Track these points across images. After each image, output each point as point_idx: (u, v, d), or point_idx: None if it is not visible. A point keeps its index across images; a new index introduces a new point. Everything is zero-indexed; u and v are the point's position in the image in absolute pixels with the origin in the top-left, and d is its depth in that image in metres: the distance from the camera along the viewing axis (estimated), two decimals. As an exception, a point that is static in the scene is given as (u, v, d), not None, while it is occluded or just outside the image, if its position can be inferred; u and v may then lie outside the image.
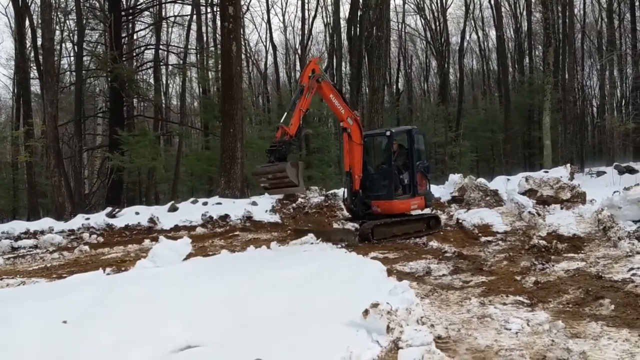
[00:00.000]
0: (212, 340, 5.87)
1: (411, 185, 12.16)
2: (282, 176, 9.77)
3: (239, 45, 18.75)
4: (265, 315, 6.51)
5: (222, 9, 18.67)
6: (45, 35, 18.76)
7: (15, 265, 10.94)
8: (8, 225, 14.95)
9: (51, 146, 19.06)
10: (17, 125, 33.63)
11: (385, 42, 22.14)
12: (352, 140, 11.62)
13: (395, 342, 5.07)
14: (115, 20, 25.22)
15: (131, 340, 5.90)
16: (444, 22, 43.33)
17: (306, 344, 5.32)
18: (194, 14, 31.64)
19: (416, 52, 52.70)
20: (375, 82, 21.81)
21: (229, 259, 9.34)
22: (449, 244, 10.44)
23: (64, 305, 6.99)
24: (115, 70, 23.59)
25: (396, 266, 8.83)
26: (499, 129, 40.01)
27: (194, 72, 31.86)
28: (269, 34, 42.76)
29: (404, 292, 6.34)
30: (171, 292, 7.35)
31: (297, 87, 11.26)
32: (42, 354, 5.58)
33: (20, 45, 29.19)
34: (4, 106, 45.87)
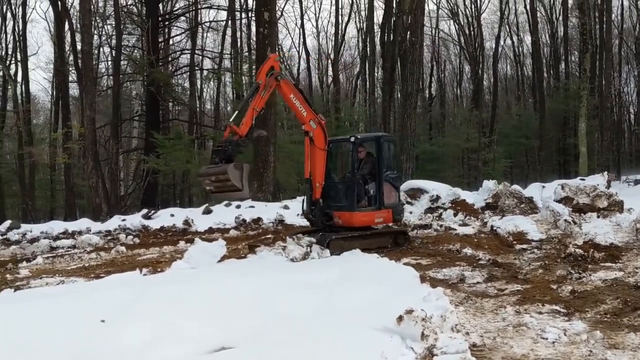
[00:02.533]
0: (245, 342, 5.94)
1: (377, 197, 11.13)
2: (224, 179, 9.14)
3: (274, 50, 18.91)
4: (297, 318, 6.56)
5: (257, 14, 18.86)
6: (85, 39, 19.26)
7: (54, 264, 11.22)
8: (47, 225, 15.36)
9: (89, 148, 19.52)
10: (55, 128, 34.48)
11: (419, 47, 22.07)
12: (315, 145, 10.76)
13: (429, 349, 5.07)
14: (153, 25, 25.71)
15: (167, 340, 6.02)
16: (479, 27, 42.95)
17: (340, 347, 5.35)
18: (229, 20, 32.00)
19: (449, 57, 52.38)
20: (408, 87, 21.73)
21: (261, 261, 9.41)
22: (483, 251, 10.34)
23: (101, 304, 7.16)
24: (152, 75, 24.03)
25: (429, 272, 8.80)
26: (533, 135, 39.45)
27: (227, 76, 32.25)
28: (302, 39, 42.66)
29: (438, 299, 6.32)
30: (205, 293, 7.46)
31: (253, 84, 10.51)
32: (81, 351, 5.74)
33: (60, 49, 29.91)
34: (42, 108, 46.99)
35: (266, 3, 17.93)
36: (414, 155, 22.52)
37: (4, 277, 9.80)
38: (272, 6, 18.59)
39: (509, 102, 53.24)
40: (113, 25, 30.70)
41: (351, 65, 49.31)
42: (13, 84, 31.86)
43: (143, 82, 27.42)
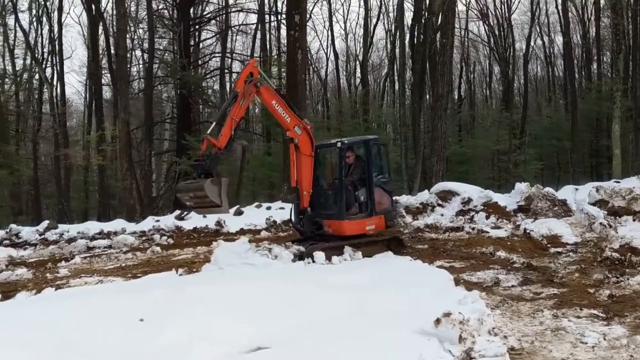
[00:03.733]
0: (280, 342, 6.02)
1: (368, 203, 10.58)
2: (202, 195, 8.82)
3: (304, 53, 19.04)
4: (330, 319, 6.62)
5: (288, 17, 19.01)
6: (120, 43, 19.62)
7: (92, 264, 11.46)
8: (83, 225, 15.68)
9: (124, 150, 19.88)
10: (88, 130, 35.15)
11: (449, 48, 21.96)
12: (300, 152, 10.29)
13: (467, 352, 5.09)
14: (184, 29, 26.06)
15: (204, 340, 6.13)
16: (509, 27, 42.50)
17: (377, 349, 5.39)
18: (259, 23, 32.26)
19: (478, 59, 51.90)
20: (438, 88, 21.64)
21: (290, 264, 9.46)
22: (517, 254, 10.28)
23: (140, 303, 7.32)
24: (183, 78, 24.36)
25: (463, 275, 8.79)
26: (565, 137, 38.82)
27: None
28: (330, 41, 42.73)
29: (474, 302, 6.32)
30: (239, 294, 7.57)
31: (231, 93, 10.09)
32: (120, 349, 5.88)
33: (94, 53, 30.50)
34: (75, 111, 47.90)
35: (297, 6, 18.05)
36: (444, 157, 22.39)
37: (45, 276, 10.06)
38: (302, 9, 18.69)
39: (540, 103, 52.51)
40: (145, 29, 31.26)
41: (379, 67, 49.24)
42: (49, 87, 32.58)
43: (175, 85, 27.79)
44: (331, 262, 9.52)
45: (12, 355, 5.59)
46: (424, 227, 14.49)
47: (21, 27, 31.83)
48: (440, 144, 21.33)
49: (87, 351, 5.85)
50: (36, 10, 33.29)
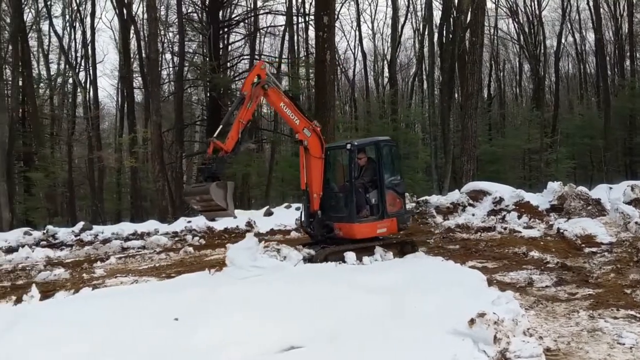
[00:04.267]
0: (313, 342, 6.05)
1: (379, 206, 10.30)
2: (208, 199, 8.74)
3: (333, 53, 19.06)
4: (363, 319, 6.63)
5: (316, 18, 19.02)
6: (151, 47, 19.94)
7: (126, 264, 11.69)
8: (117, 226, 16.01)
9: (156, 152, 20.19)
10: (120, 132, 35.79)
11: (479, 46, 21.71)
12: (310, 154, 10.15)
13: (502, 352, 5.06)
14: (214, 32, 26.33)
15: (237, 339, 6.21)
16: (539, 24, 41.90)
17: (410, 349, 5.39)
18: (287, 24, 32.42)
19: (508, 57, 51.27)
20: (468, 87, 21.42)
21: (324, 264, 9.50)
22: (550, 255, 10.14)
23: (174, 302, 7.45)
24: (213, 80, 24.62)
25: (496, 276, 8.71)
26: (598, 135, 38.15)
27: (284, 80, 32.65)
28: (358, 41, 42.71)
29: (508, 302, 6.27)
30: (271, 294, 7.64)
31: (238, 96, 9.92)
32: (156, 347, 5.99)
33: (125, 57, 31.02)
34: (107, 114, 48.78)
35: (326, 6, 18.07)
36: (475, 156, 22.18)
37: (81, 276, 10.29)
38: (331, 10, 18.72)
39: (572, 101, 51.70)
40: (174, 32, 31.70)
41: (407, 67, 49.02)
42: (83, 91, 33.25)
43: (205, 88, 28.10)
44: (362, 263, 9.52)
45: (55, 352, 5.76)
46: (455, 227, 14.40)
47: (55, 33, 32.62)
48: (471, 143, 21.12)
49: (124, 349, 5.98)
50: (69, 16, 34.04)
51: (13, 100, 26.10)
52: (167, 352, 5.85)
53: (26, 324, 6.43)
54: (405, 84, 48.55)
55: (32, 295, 7.98)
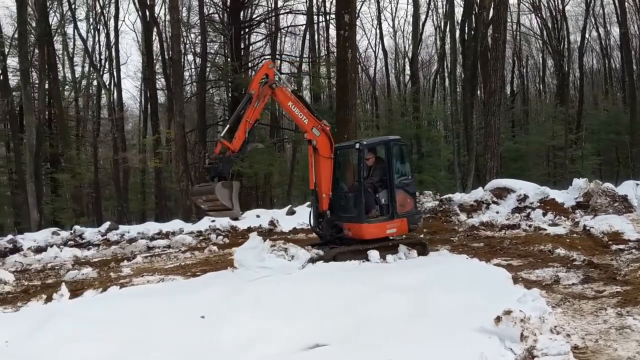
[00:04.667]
0: (338, 340, 6.09)
1: (389, 206, 10.11)
2: (213, 198, 8.70)
3: (354, 52, 19.02)
4: (387, 317, 6.64)
5: (337, 17, 19.02)
6: (174, 48, 20.15)
7: (152, 263, 11.83)
8: (143, 226, 16.21)
9: (179, 153, 20.39)
10: (144, 133, 36.20)
11: (502, 43, 21.53)
12: (319, 154, 10.01)
13: (529, 350, 5.04)
14: (235, 32, 26.48)
15: (263, 336, 6.27)
16: (563, 19, 41.34)
17: (436, 347, 5.40)
18: (308, 24, 32.46)
19: (530, 52, 50.69)
20: (491, 84, 21.26)
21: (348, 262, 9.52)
22: (576, 252, 10.02)
23: (200, 300, 7.55)
24: (235, 80, 24.76)
25: (521, 274, 8.65)
26: (624, 130, 37.52)
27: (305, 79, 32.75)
28: (379, 39, 42.59)
29: (535, 300, 6.23)
30: (295, 293, 7.68)
31: (245, 95, 9.76)
32: (184, 345, 6.08)
33: (149, 58, 31.36)
34: (131, 116, 49.35)
35: (347, 5, 18.04)
36: (498, 153, 22.00)
37: (109, 275, 10.44)
38: (352, 8, 18.69)
39: (596, 96, 50.91)
40: (196, 33, 31.95)
41: (428, 64, 48.75)
42: (107, 93, 33.70)
43: (226, 88, 28.25)
44: (385, 261, 9.52)
45: (85, 350, 5.88)
46: (479, 224, 14.32)
47: (80, 36, 33.15)
48: (494, 141, 20.97)
49: (153, 346, 6.08)
50: (93, 19, 34.51)
51: (40, 103, 26.57)
52: (194, 350, 5.94)
53: (57, 321, 6.56)
54: (426, 82, 48.30)
55: (62, 293, 8.15)
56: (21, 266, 11.94)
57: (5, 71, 30.40)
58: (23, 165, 26.95)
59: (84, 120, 34.95)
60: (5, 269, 11.30)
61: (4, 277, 10.27)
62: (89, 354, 5.83)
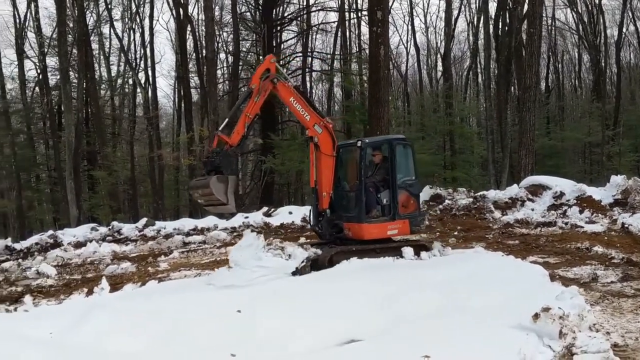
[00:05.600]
0: (373, 336, 6.14)
1: (391, 206, 9.90)
2: (208, 193, 8.49)
3: (387, 48, 19.00)
4: (422, 313, 6.66)
5: (370, 13, 19.02)
6: (208, 47, 20.40)
7: (189, 258, 12.03)
8: (178, 222, 16.49)
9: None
10: (178, 131, 36.67)
11: (537, 38, 21.20)
12: (321, 152, 9.73)
13: (568, 347, 5.01)
14: (268, 30, 26.64)
15: (298, 331, 6.36)
16: (599, 13, 40.46)
17: (472, 343, 5.40)
18: (340, 21, 32.48)
19: (566, 47, 49.75)
20: (526, 79, 20.97)
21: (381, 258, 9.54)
22: (615, 250, 9.87)
23: (236, 295, 7.67)
24: (268, 78, 24.89)
25: (558, 271, 8.57)
26: (664, 126, 36.68)
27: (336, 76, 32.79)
28: (411, 35, 42.34)
29: (573, 297, 6.17)
30: (330, 289, 7.75)
31: (246, 89, 9.53)
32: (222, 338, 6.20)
33: (182, 57, 31.75)
34: (164, 114, 50.01)
35: (379, 2, 18.02)
36: (534, 150, 21.71)
37: (147, 269, 10.68)
38: (384, 5, 18.68)
39: (634, 91, 49.70)
40: (228, 32, 32.23)
41: (460, 60, 48.26)
42: (143, 92, 34.26)
43: (259, 86, 28.41)
44: (420, 258, 9.51)
45: (126, 342, 6.05)
46: (514, 222, 14.19)
47: (117, 35, 33.71)
48: (529, 137, 20.67)
49: (191, 338, 6.22)
50: (128, 19, 35.09)
51: (78, 102, 27.15)
52: (231, 343, 6.05)
53: (99, 314, 6.74)
54: (459, 78, 47.84)
55: (103, 287, 8.35)
56: (62, 261, 12.26)
57: (45, 71, 31.23)
58: (62, 163, 27.70)
59: (119, 118, 35.60)
60: (47, 263, 11.63)
61: (47, 271, 10.60)
62: (130, 346, 6.00)
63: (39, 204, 34.14)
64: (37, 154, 35.05)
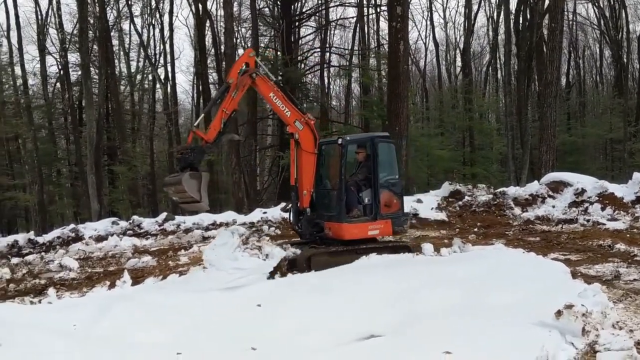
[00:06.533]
0: (393, 331, 6.13)
1: (373, 206, 9.63)
2: (181, 190, 8.25)
3: (407, 44, 18.95)
4: (442, 310, 6.64)
5: (389, 9, 18.94)
6: (227, 43, 20.46)
7: (208, 253, 12.09)
8: (198, 217, 16.53)
9: (233, 146, 20.74)
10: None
11: (559, 33, 20.97)
12: (301, 149, 9.47)
13: (591, 345, 4.99)
14: (286, 26, 26.66)
15: (318, 325, 6.39)
16: (621, 8, 39.83)
17: (494, 339, 5.38)
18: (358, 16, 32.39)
19: (587, 43, 49.09)
20: (547, 75, 20.77)
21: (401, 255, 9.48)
22: (637, 247, 9.75)
23: (256, 290, 7.73)
24: (286, 74, 24.96)
25: (580, 269, 8.49)
26: (687, 122, 36.06)
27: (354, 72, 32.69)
28: (430, 31, 42.14)
29: (595, 295, 6.14)
30: (349, 284, 7.77)
31: (223, 84, 9.33)
32: (242, 332, 6.26)
33: (201, 53, 31.89)
34: (183, 110, 50.28)
35: (399, -3, 18.03)
36: (554, 146, 21.49)
37: (167, 263, 10.77)
38: (404, 0, 18.64)
39: (656, 86, 48.99)
40: (246, 27, 32.32)
41: (480, 55, 47.86)
42: (163, 87, 34.52)
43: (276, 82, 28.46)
44: (440, 254, 9.49)
45: (149, 334, 6.14)
46: (534, 219, 14.10)
47: (137, 31, 34.02)
48: (550, 133, 20.49)
49: (212, 331, 6.29)
50: (148, 15, 35.37)
51: (99, 98, 27.44)
52: (251, 336, 6.10)
53: (122, 306, 6.85)
54: (478, 73, 47.47)
55: (124, 280, 8.46)
56: (84, 254, 12.40)
57: (66, 67, 31.60)
58: (83, 158, 28.03)
59: (139, 114, 35.91)
60: (70, 256, 11.78)
61: (69, 264, 10.74)
62: (153, 338, 6.08)
63: (60, 198, 34.55)
64: (59, 149, 35.53)
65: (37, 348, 5.34)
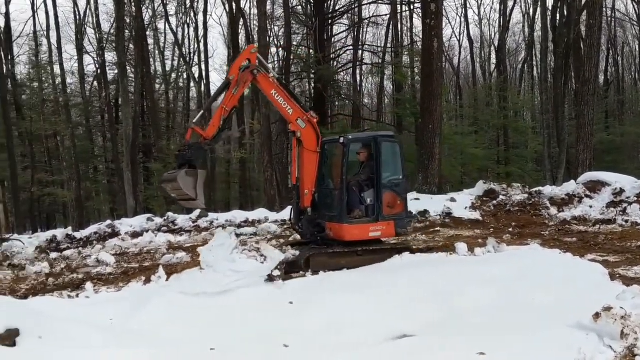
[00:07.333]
0: (426, 331, 6.11)
1: (375, 206, 9.39)
2: (177, 187, 8.21)
3: (440, 41, 18.80)
4: (477, 310, 6.60)
5: (423, 6, 18.80)
6: (261, 41, 20.50)
7: (240, 250, 12.19)
8: (230, 214, 16.72)
9: (265, 144, 20.86)
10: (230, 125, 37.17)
11: (597, 29, 20.50)
12: (304, 147, 9.27)
13: (630, 348, 4.91)
14: (319, 24, 26.68)
15: (349, 323, 6.41)
16: (662, 3, 38.83)
17: (529, 341, 5.32)
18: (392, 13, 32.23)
19: (626, 40, 47.94)
20: (585, 72, 20.33)
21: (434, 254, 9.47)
22: (678, 249, 9.52)
23: (289, 285, 7.78)
24: (319, 72, 24.98)
25: (618, 270, 8.33)
26: None
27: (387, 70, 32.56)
28: (464, 28, 41.67)
29: (635, 297, 6.01)
30: (383, 283, 7.77)
31: (224, 81, 9.26)
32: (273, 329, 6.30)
33: (234, 52, 32.13)
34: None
35: (433, -6, 17.87)
36: (592, 145, 21.03)
37: (200, 260, 10.89)
38: (439, -4, 18.50)
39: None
40: (279, 26, 32.43)
41: (515, 52, 47.16)
42: (197, 86, 34.94)
43: (309, 80, 28.50)
44: (474, 254, 9.39)
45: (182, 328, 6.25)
46: (571, 219, 13.83)
47: (172, 30, 34.49)
48: (587, 132, 20.05)
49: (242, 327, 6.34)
50: (182, 14, 35.83)
51: (135, 96, 27.90)
52: (282, 333, 6.15)
53: (158, 301, 6.96)
54: (513, 71, 46.79)
55: (160, 276, 8.60)
56: (120, 249, 12.64)
57: (103, 66, 32.23)
58: (119, 155, 28.54)
59: (174, 112, 36.39)
60: (106, 251, 12.04)
61: (106, 260, 10.98)
62: (186, 332, 6.18)
63: (97, 194, 35.32)
64: (96, 147, 36.31)
65: (75, 342, 5.46)
